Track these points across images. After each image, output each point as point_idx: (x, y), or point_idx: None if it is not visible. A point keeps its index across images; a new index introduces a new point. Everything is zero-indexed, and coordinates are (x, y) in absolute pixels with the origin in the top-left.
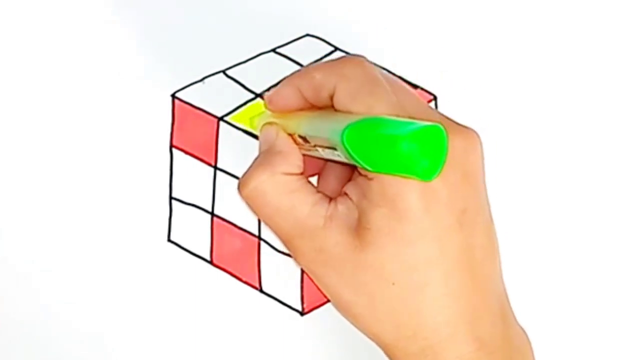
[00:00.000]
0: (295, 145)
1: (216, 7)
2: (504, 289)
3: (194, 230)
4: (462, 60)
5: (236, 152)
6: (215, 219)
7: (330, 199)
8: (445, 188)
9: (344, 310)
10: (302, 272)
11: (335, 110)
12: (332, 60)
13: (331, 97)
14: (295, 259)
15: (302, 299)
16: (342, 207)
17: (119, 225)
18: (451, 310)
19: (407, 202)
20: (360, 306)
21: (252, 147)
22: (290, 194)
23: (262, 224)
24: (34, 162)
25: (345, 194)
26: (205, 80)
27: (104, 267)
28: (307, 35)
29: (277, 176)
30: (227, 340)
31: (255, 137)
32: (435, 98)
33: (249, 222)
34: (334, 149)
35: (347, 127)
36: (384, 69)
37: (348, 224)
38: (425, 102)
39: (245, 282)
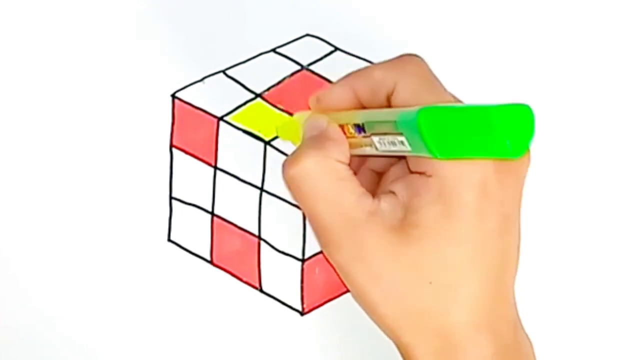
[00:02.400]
0: (344, 136)
1: (216, 7)
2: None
3: (194, 230)
4: (462, 61)
5: (236, 152)
6: (215, 218)
7: (373, 196)
8: (498, 191)
9: (369, 308)
10: (302, 272)
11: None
12: (392, 59)
13: (388, 97)
14: (329, 252)
15: (302, 299)
16: (385, 204)
17: (119, 225)
18: (477, 312)
19: (463, 200)
20: (387, 305)
21: (253, 147)
22: (339, 182)
23: (262, 224)
24: (34, 162)
25: (392, 192)
26: (206, 80)
27: (104, 267)
28: (307, 35)
29: (329, 160)
30: (227, 340)
31: (255, 137)
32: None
33: (249, 222)
34: (397, 135)
35: (423, 108)
36: None
37: (390, 223)
38: None
39: (245, 282)
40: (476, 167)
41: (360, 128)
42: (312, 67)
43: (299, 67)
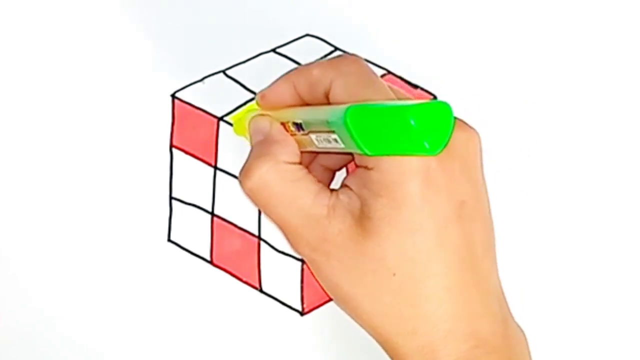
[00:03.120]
0: (289, 135)
1: (216, 7)
2: (501, 288)
3: (194, 230)
4: (462, 60)
5: (236, 152)
6: (215, 219)
7: (331, 190)
8: (444, 177)
9: (344, 303)
10: (302, 272)
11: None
12: (329, 59)
13: (326, 94)
14: (297, 250)
15: (302, 299)
16: (343, 196)
17: (119, 225)
18: (451, 305)
19: (406, 190)
20: (360, 298)
21: None
22: (294, 183)
23: (262, 224)
24: (34, 162)
25: (346, 185)
26: (205, 80)
27: (104, 267)
28: (307, 35)
29: (280, 165)
30: (227, 340)
31: None
32: (435, 98)
33: (249, 222)
34: (330, 132)
35: (350, 108)
36: (384, 69)
37: (351, 213)
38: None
39: (245, 282)
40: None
41: (299, 126)
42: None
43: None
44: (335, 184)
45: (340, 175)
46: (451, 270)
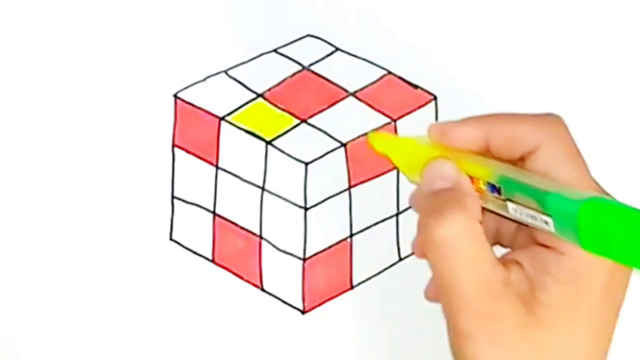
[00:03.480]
0: (474, 188)
1: (218, 7)
2: None
3: (196, 229)
4: (462, 60)
5: (238, 151)
6: (217, 218)
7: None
8: (620, 282)
9: None
10: (303, 271)
11: (526, 168)
12: (533, 115)
13: (523, 156)
14: (456, 319)
15: (303, 297)
16: (514, 276)
17: (121, 225)
18: None
19: (595, 285)
20: None
21: (254, 147)
22: (480, 246)
23: (264, 223)
24: (36, 162)
25: (516, 262)
26: (207, 80)
27: (106, 266)
28: (308, 35)
29: (473, 223)
30: (228, 338)
31: (256, 136)
32: (435, 98)
33: (251, 221)
34: (541, 213)
35: (587, 201)
36: (384, 69)
37: (521, 295)
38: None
39: (247, 281)
40: None
41: (494, 188)
42: (313, 68)
43: (300, 68)
44: None
45: None
46: (598, 357)
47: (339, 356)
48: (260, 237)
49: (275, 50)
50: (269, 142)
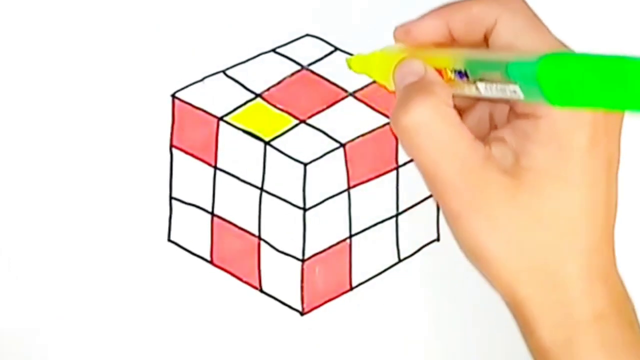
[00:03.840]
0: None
1: (216, 6)
2: None
3: (194, 230)
4: None
5: (236, 152)
6: (215, 218)
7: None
8: (605, 136)
9: (481, 260)
10: (302, 272)
11: (488, 47)
12: None
13: (486, 35)
14: (443, 202)
15: (302, 299)
16: (496, 150)
17: (119, 225)
18: (592, 263)
19: (576, 143)
20: (502, 255)
21: (253, 147)
22: (453, 127)
23: (262, 223)
24: (33, 162)
25: (498, 138)
26: (206, 80)
27: (104, 267)
28: (307, 35)
29: (442, 106)
30: (227, 340)
31: (255, 137)
32: None
33: (249, 221)
34: (508, 84)
35: (546, 57)
36: None
37: (505, 167)
38: None
39: (246, 282)
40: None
41: (462, 74)
42: (312, 67)
43: (299, 67)
44: None
45: None
46: (597, 229)
47: (339, 358)
48: (259, 238)
49: (273, 50)
50: (267, 143)
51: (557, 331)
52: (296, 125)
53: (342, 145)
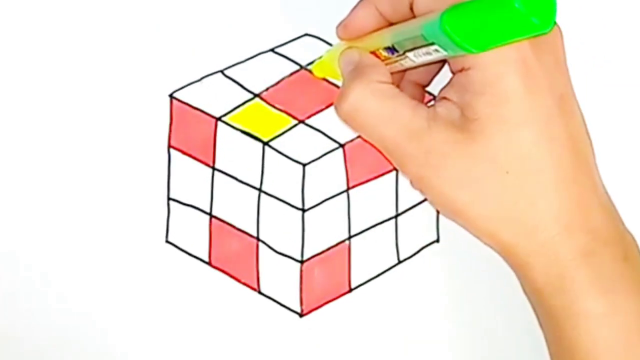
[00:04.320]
0: (379, 60)
1: (214, 6)
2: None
3: (192, 231)
4: None
5: (234, 152)
6: (213, 220)
7: (427, 105)
8: (542, 71)
9: (459, 215)
10: (301, 273)
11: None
12: None
13: (411, 7)
14: (403, 170)
15: (300, 300)
16: (441, 109)
17: (117, 226)
18: (565, 198)
19: (508, 83)
20: (477, 206)
21: (251, 148)
22: (390, 100)
23: (261, 224)
24: (30, 162)
25: (442, 97)
26: (204, 80)
27: (101, 268)
28: (306, 34)
29: (373, 84)
30: (225, 342)
31: (253, 137)
32: (434, 98)
33: (248, 223)
34: (429, 45)
35: (445, 11)
36: None
37: (452, 123)
38: None
39: (244, 284)
40: (511, 48)
41: (392, 50)
42: (310, 67)
43: (297, 67)
44: None
45: None
46: (562, 163)
47: (337, 359)
48: (258, 239)
49: (272, 50)
50: (266, 143)
51: (548, 271)
52: (295, 125)
53: (342, 145)
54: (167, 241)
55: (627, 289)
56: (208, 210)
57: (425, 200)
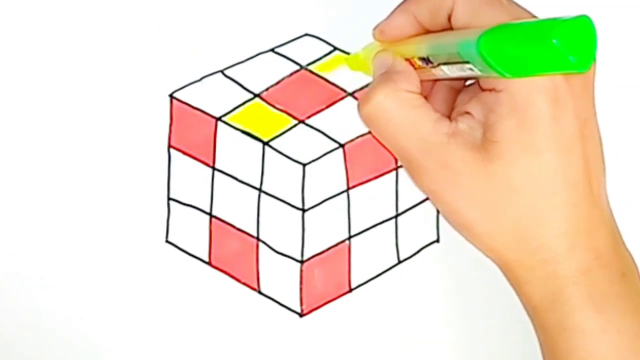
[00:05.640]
0: (412, 68)
1: (214, 6)
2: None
3: (192, 231)
4: None
5: (235, 152)
6: (213, 219)
7: (449, 118)
8: (570, 95)
9: (466, 229)
10: (301, 273)
11: (454, 30)
12: None
13: (449, 18)
14: (417, 182)
15: (300, 300)
16: (463, 125)
17: (117, 226)
18: (573, 220)
19: (538, 111)
20: (483, 222)
21: (251, 148)
22: (413, 110)
23: (261, 224)
24: (30, 162)
25: (467, 112)
26: (204, 80)
27: (102, 268)
28: (306, 34)
29: (400, 92)
30: (225, 342)
31: (253, 137)
32: None
33: (248, 222)
34: (464, 63)
35: (483, 34)
36: None
37: (471, 141)
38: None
39: (244, 284)
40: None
41: (426, 60)
42: (311, 67)
43: (297, 67)
44: None
45: None
46: (575, 187)
47: (337, 359)
48: (258, 239)
49: (272, 50)
50: (266, 143)
51: (544, 288)
52: (295, 125)
53: (342, 145)
54: (167, 241)
55: (622, 307)
56: (208, 210)
57: (425, 200)
